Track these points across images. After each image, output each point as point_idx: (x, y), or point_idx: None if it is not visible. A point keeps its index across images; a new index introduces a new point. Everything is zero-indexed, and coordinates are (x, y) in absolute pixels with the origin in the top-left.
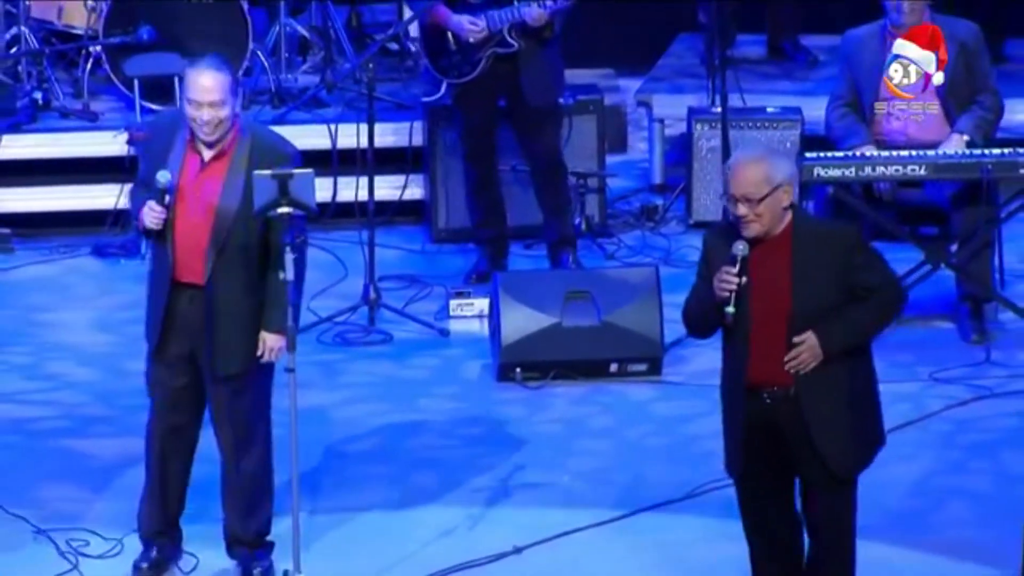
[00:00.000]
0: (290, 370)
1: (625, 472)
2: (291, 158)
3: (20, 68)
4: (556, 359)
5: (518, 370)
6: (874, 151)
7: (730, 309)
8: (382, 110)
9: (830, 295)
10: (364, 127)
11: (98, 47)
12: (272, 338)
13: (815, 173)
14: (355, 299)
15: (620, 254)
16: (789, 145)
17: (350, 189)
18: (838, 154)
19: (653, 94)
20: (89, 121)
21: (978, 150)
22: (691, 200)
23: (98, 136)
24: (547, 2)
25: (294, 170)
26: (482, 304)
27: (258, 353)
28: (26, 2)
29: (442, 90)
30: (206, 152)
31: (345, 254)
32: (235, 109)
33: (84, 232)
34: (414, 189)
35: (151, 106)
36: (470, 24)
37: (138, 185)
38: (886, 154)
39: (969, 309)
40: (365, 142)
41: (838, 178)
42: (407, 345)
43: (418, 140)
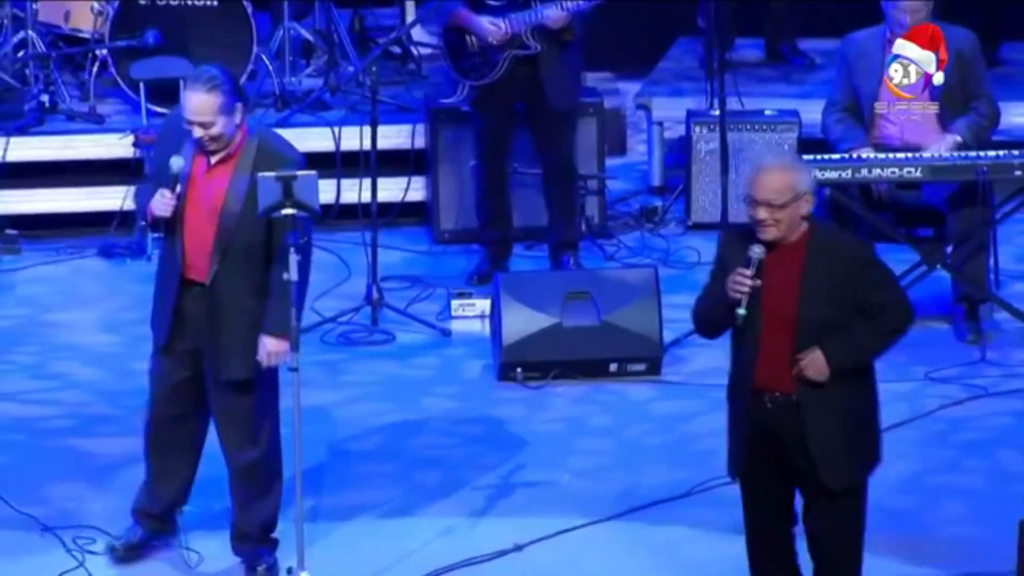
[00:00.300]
0: (293, 369)
1: (624, 471)
2: (295, 163)
3: (27, 71)
4: (556, 359)
5: (519, 370)
6: (871, 153)
7: (741, 311)
8: (385, 113)
9: (837, 307)
10: (367, 129)
11: (104, 50)
12: (272, 342)
13: (812, 175)
14: (358, 299)
15: (620, 255)
16: (787, 147)
17: (353, 191)
18: (835, 156)
19: (652, 97)
20: (95, 124)
21: (973, 152)
22: (690, 202)
23: (104, 138)
24: (567, 4)
25: (298, 172)
26: (483, 304)
27: (258, 358)
28: (33, 6)
29: (463, 92)
30: (212, 155)
31: (348, 255)
32: (235, 119)
33: (90, 233)
34: (416, 191)
35: (157, 109)
36: (491, 26)
37: (145, 182)
38: (882, 156)
39: (965, 310)
40: (368, 144)
41: (835, 180)
42: (409, 345)
43: (420, 142)
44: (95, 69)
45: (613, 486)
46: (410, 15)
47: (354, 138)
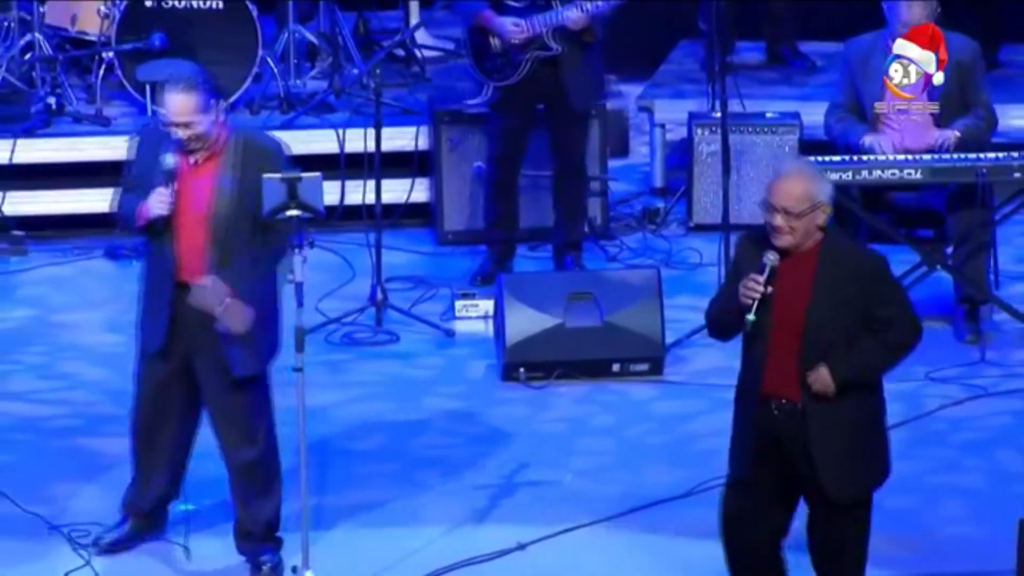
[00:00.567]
0: (298, 370)
1: (627, 470)
2: (279, 153)
3: (34, 74)
4: (559, 359)
5: (522, 370)
6: (877, 139)
7: (751, 317)
8: (389, 115)
9: (846, 318)
10: (371, 131)
11: (111, 53)
12: (221, 289)
13: (831, 186)
14: (362, 300)
15: (622, 256)
16: (788, 149)
17: (357, 192)
18: (835, 158)
19: (654, 99)
20: (102, 126)
21: (973, 154)
22: (692, 203)
23: (111, 140)
24: (586, 5)
25: (303, 174)
26: (487, 305)
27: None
28: (40, 9)
29: (488, 92)
30: (194, 155)
31: (353, 256)
32: (215, 117)
33: (97, 234)
34: (420, 192)
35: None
36: (513, 27)
37: (128, 191)
38: (883, 157)
39: (965, 310)
40: (372, 146)
41: (835, 181)
42: (413, 345)
43: (424, 144)
44: (101, 71)
45: (615, 486)
46: (414, 18)
47: (358, 140)
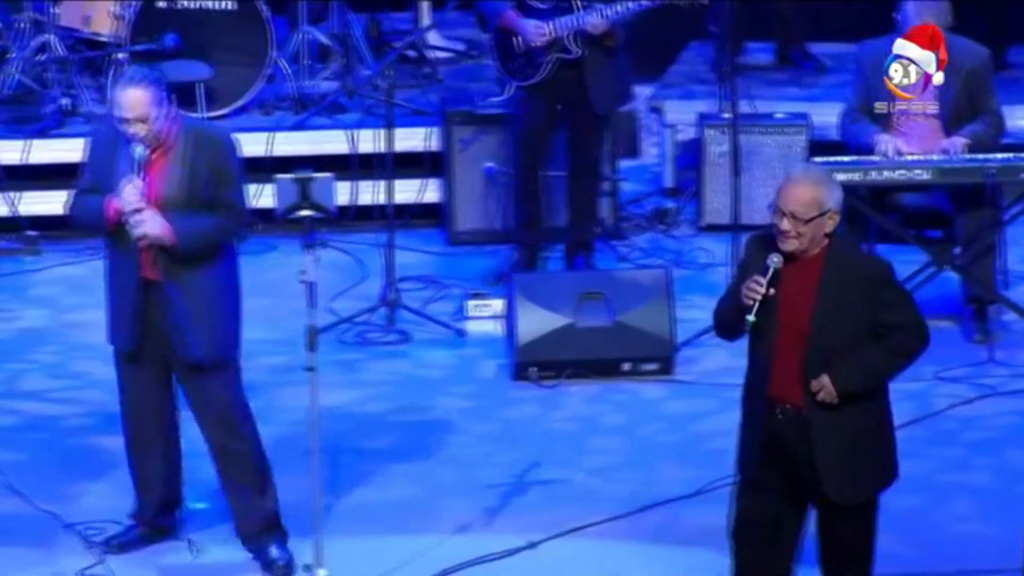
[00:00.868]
0: (310, 369)
1: (637, 469)
2: (228, 144)
3: (47, 75)
4: (570, 358)
5: (533, 369)
6: (890, 140)
7: (751, 318)
8: (401, 115)
9: (850, 323)
10: (383, 132)
11: (123, 54)
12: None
13: (841, 193)
14: (374, 300)
15: (632, 256)
16: (797, 150)
17: (369, 193)
18: (844, 159)
19: (664, 100)
20: None
21: (981, 155)
22: (702, 203)
23: None
24: (606, 11)
25: (315, 174)
26: (498, 305)
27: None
28: (54, 10)
29: (510, 91)
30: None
31: (364, 256)
32: (168, 112)
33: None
34: (432, 192)
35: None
36: (535, 29)
37: (82, 193)
38: (892, 158)
39: (974, 310)
40: (384, 147)
41: (845, 182)
42: (425, 345)
43: (436, 145)
44: (114, 72)
45: (626, 485)
46: (425, 19)
47: (370, 141)
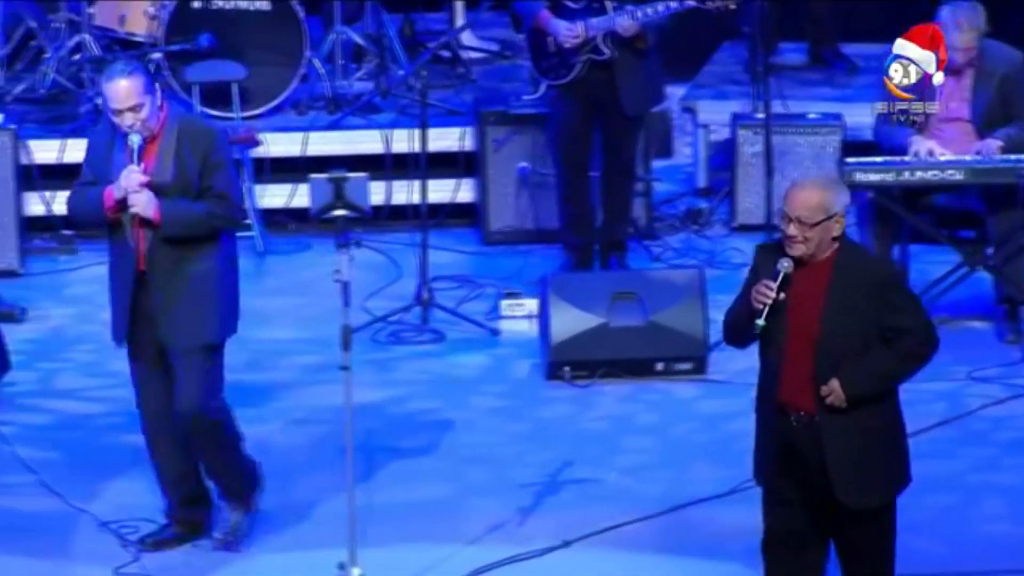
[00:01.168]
0: (345, 368)
1: (670, 469)
2: (215, 133)
3: (83, 75)
4: (603, 358)
5: (566, 369)
6: (924, 141)
7: (760, 322)
8: (435, 116)
9: (860, 327)
10: (417, 132)
11: (159, 54)
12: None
13: (855, 178)
14: (408, 299)
15: (665, 256)
16: (831, 151)
17: (404, 192)
18: (877, 159)
19: (698, 100)
20: None
21: (1014, 156)
22: (735, 204)
23: None
24: (638, 14)
25: (349, 174)
26: (532, 304)
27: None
28: (89, 10)
29: (543, 90)
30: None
31: (399, 255)
32: (157, 102)
33: None
34: (466, 192)
35: (210, 112)
36: (567, 30)
37: (81, 186)
38: (925, 159)
39: (1006, 311)
40: (418, 147)
41: (878, 183)
42: (459, 344)
43: (469, 144)
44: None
45: (659, 484)
46: (459, 19)
47: (404, 141)
